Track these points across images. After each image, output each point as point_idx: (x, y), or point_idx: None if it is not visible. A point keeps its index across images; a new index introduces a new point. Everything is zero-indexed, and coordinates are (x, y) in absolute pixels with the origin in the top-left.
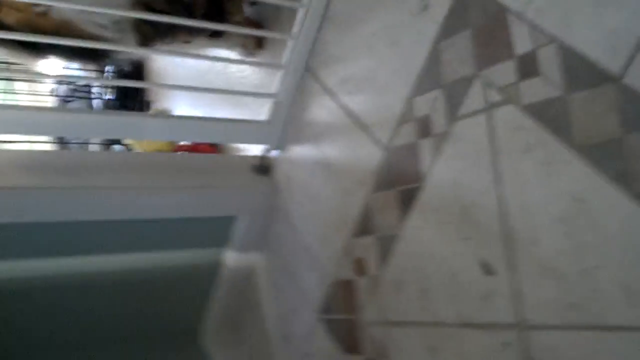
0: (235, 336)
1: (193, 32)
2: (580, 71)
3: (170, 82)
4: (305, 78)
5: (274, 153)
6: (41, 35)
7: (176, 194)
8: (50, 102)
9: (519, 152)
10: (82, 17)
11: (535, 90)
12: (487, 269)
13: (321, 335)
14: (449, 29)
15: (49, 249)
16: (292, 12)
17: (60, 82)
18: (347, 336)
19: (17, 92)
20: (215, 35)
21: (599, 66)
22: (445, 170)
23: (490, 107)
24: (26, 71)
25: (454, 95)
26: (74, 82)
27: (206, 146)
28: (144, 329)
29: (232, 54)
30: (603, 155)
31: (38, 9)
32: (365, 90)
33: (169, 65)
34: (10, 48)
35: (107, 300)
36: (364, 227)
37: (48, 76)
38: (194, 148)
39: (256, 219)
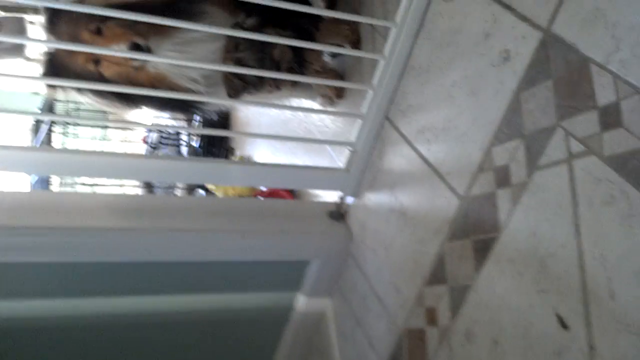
0: None
1: (279, 83)
2: None
3: (254, 131)
4: (384, 127)
5: (349, 200)
6: (137, 88)
7: (253, 238)
8: (142, 148)
9: (600, 204)
10: (176, 71)
11: (618, 141)
12: (563, 323)
13: None
14: (530, 79)
15: (127, 288)
16: (373, 62)
17: (151, 130)
18: None
19: (110, 140)
20: (296, 83)
21: None
22: (524, 221)
23: (571, 158)
24: (121, 120)
25: (535, 146)
26: (164, 130)
27: (284, 191)
28: None
29: (313, 104)
30: None
31: (135, 63)
32: (444, 139)
33: (252, 114)
34: (108, 99)
35: (178, 339)
36: (437, 276)
37: (141, 124)
38: (273, 193)
39: (329, 264)
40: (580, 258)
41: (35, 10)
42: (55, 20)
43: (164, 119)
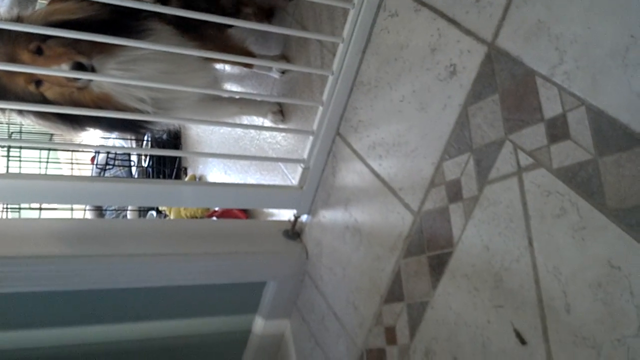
0: None
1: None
2: (611, 134)
3: (206, 150)
4: (336, 143)
5: (304, 218)
6: (81, 108)
7: (208, 261)
8: (90, 169)
9: (551, 216)
10: (121, 90)
11: (566, 153)
12: (521, 338)
13: None
14: (477, 93)
15: (80, 317)
16: (322, 78)
17: (98, 151)
18: None
19: (57, 161)
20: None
21: (629, 129)
22: (477, 236)
23: (521, 171)
24: (66, 142)
25: (484, 159)
26: (112, 151)
27: (238, 211)
28: None
29: (264, 121)
30: (638, 220)
31: (79, 84)
32: (395, 155)
33: (204, 132)
34: (51, 121)
35: None
36: (395, 293)
37: (87, 146)
38: (226, 213)
39: (286, 285)
40: (534, 272)
41: None
42: None
43: (112, 139)
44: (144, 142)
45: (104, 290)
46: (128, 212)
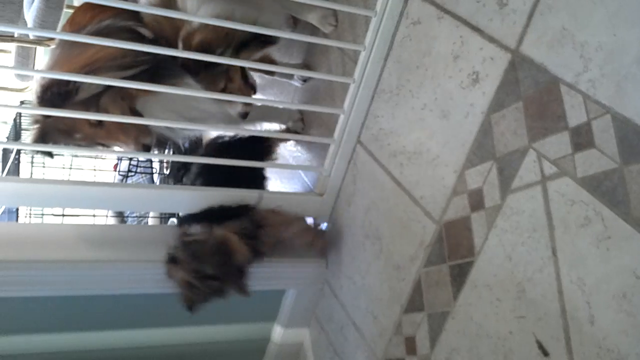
0: None
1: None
2: (636, 143)
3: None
4: (356, 151)
5: (324, 225)
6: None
7: None
8: (112, 176)
9: (575, 226)
10: (160, 125)
11: (591, 162)
12: (544, 350)
13: None
14: (500, 101)
15: (98, 322)
16: (344, 86)
17: (121, 158)
18: None
19: (80, 168)
20: None
21: None
22: (499, 245)
23: (544, 180)
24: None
25: (507, 168)
26: (135, 158)
27: None
28: None
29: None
30: None
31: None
32: (416, 163)
33: None
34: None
35: None
36: (415, 303)
37: (111, 152)
38: None
39: (305, 293)
40: (558, 282)
41: None
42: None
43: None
44: (166, 150)
45: (123, 296)
46: (149, 219)
